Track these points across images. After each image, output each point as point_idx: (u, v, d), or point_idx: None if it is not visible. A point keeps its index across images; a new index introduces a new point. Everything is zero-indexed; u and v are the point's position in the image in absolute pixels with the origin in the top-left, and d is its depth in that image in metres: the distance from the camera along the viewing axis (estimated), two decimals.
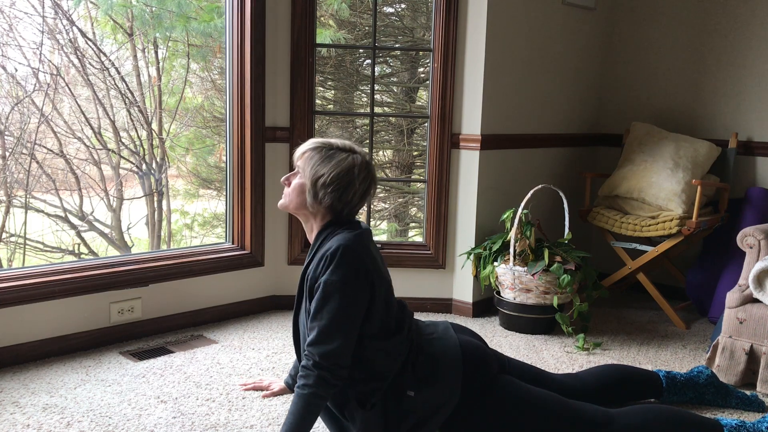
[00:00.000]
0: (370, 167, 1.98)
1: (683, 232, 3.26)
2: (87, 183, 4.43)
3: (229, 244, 3.41)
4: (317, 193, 1.92)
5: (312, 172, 1.93)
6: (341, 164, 1.92)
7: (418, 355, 1.97)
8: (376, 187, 2.04)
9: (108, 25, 4.42)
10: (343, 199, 1.93)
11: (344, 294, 1.84)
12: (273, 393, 2.44)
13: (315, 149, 1.96)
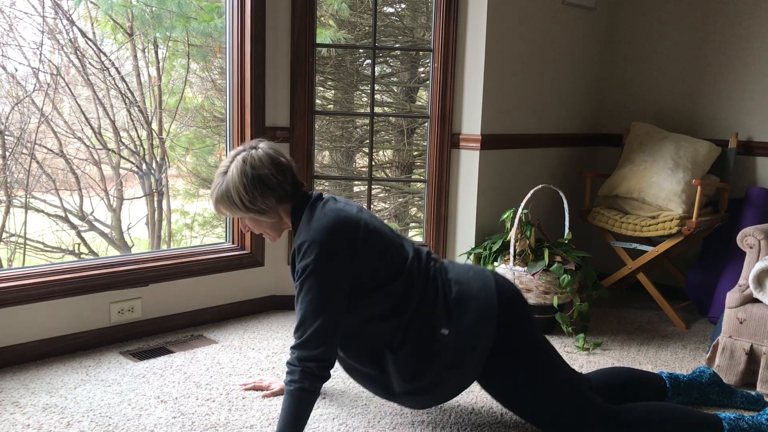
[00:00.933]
0: (247, 156, 1.97)
1: (683, 232, 3.26)
2: (87, 183, 4.43)
3: (229, 244, 3.41)
4: (257, 206, 1.96)
5: (239, 205, 1.96)
6: (235, 179, 1.95)
7: (448, 292, 1.96)
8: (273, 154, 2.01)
9: (108, 25, 4.43)
10: (271, 186, 1.95)
11: (317, 280, 1.85)
12: (273, 393, 2.44)
13: (221, 198, 1.99)
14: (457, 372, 1.95)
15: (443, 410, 2.37)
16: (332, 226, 1.90)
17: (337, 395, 2.47)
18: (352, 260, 1.91)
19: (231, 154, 2.01)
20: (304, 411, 1.88)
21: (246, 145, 2.02)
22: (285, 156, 2.04)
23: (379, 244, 1.97)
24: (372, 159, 3.68)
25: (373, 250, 1.94)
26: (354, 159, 5.33)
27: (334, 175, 5.23)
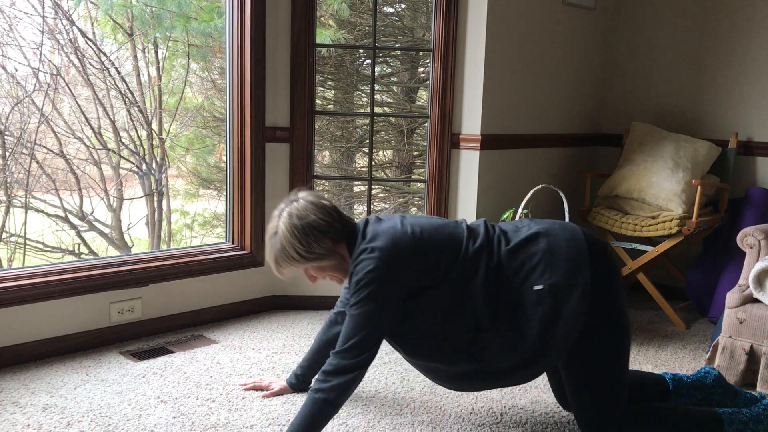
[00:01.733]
0: (291, 210, 2.01)
1: (683, 232, 3.26)
2: (87, 183, 4.43)
3: (229, 244, 3.41)
4: (315, 253, 1.99)
5: (298, 258, 1.99)
6: (287, 234, 1.98)
7: (528, 248, 1.96)
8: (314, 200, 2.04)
9: (108, 25, 4.43)
10: (322, 229, 1.98)
11: (369, 294, 1.89)
12: (273, 393, 2.44)
13: (279, 257, 2.02)
14: (561, 323, 1.90)
15: (443, 410, 2.37)
16: (384, 245, 1.92)
17: None
18: (405, 273, 1.93)
19: (274, 215, 2.05)
20: (321, 423, 1.90)
21: (285, 200, 2.07)
22: (325, 198, 2.08)
23: (431, 249, 1.96)
24: (372, 159, 3.68)
25: (424, 257, 1.95)
26: (354, 159, 5.33)
27: (334, 175, 5.23)
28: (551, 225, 2.04)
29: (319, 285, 3.48)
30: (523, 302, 1.92)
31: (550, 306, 1.89)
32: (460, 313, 1.96)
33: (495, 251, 1.97)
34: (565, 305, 1.89)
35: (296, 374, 2.45)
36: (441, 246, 1.96)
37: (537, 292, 1.90)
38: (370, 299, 1.89)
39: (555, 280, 1.90)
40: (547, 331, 1.90)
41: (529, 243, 1.97)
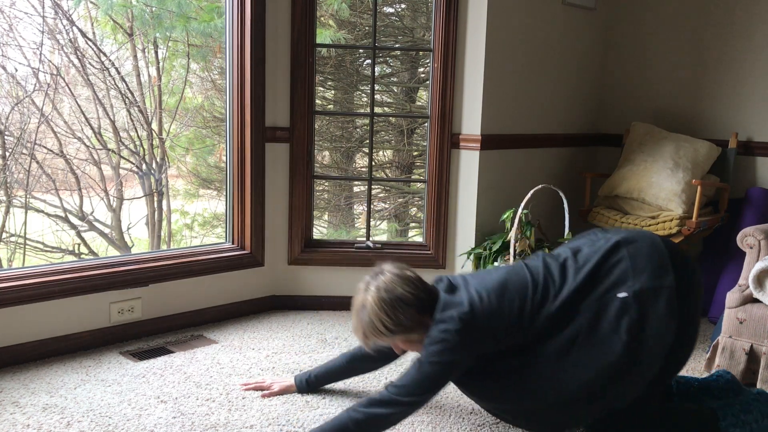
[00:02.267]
0: (378, 284, 2.04)
1: (683, 232, 3.26)
2: (87, 183, 4.43)
3: (229, 244, 3.41)
4: (403, 326, 2.00)
5: (386, 331, 2.00)
6: (375, 308, 2.01)
7: (611, 259, 1.95)
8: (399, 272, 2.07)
9: (108, 25, 4.42)
10: (409, 302, 2.00)
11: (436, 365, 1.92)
12: (272, 393, 2.45)
13: (368, 331, 2.04)
14: (650, 329, 1.87)
15: (443, 410, 2.37)
16: (456, 323, 1.93)
17: (338, 395, 2.47)
18: (476, 347, 1.97)
19: (360, 288, 2.07)
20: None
21: (370, 274, 2.09)
22: (408, 269, 2.11)
23: (500, 316, 1.95)
24: (372, 159, 3.68)
25: (493, 332, 1.95)
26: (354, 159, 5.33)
27: (334, 175, 5.23)
28: (629, 233, 2.03)
29: (319, 285, 3.49)
30: (607, 314, 1.89)
31: (636, 313, 1.86)
32: (534, 355, 1.96)
33: (568, 279, 1.96)
34: (653, 310, 1.87)
35: (308, 380, 2.46)
36: (509, 308, 1.95)
37: (621, 301, 1.88)
38: (439, 364, 1.92)
39: (639, 286, 1.88)
40: (635, 339, 1.86)
41: (609, 255, 1.96)
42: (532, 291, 1.96)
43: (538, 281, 1.98)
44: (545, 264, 2.03)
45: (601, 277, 1.93)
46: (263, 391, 2.46)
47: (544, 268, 2.02)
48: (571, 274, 1.97)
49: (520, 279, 2.00)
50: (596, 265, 1.95)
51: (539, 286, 1.97)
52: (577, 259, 2.01)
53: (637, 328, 1.86)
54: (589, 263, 1.96)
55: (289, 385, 2.48)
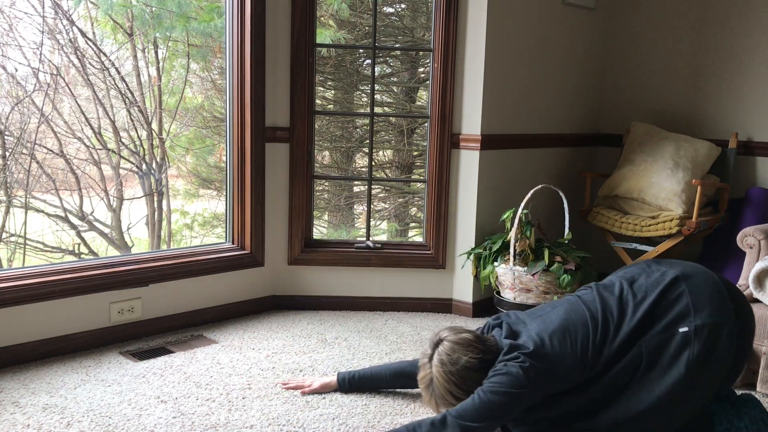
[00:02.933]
0: (441, 357, 2.03)
1: (683, 232, 3.26)
2: (87, 183, 4.43)
3: (229, 244, 3.41)
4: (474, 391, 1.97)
5: (461, 397, 1.99)
6: (443, 383, 2.01)
7: (669, 295, 1.95)
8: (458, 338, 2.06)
9: (108, 25, 4.42)
10: (475, 367, 2.00)
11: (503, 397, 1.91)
12: (312, 390, 2.47)
13: (442, 402, 2.03)
14: (711, 363, 1.88)
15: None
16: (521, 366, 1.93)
17: (337, 395, 2.47)
18: (540, 391, 1.95)
19: (423, 362, 2.07)
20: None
21: (429, 344, 2.09)
22: (464, 330, 2.10)
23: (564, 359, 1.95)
24: (372, 159, 3.68)
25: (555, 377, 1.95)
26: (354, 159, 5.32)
27: (334, 175, 5.23)
28: (684, 266, 2.04)
29: (319, 285, 3.48)
30: (667, 348, 1.89)
31: (698, 347, 1.87)
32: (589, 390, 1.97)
33: (626, 315, 1.96)
34: (715, 345, 1.87)
35: (350, 380, 2.47)
36: (572, 352, 1.95)
37: (683, 335, 1.88)
38: (501, 395, 1.91)
39: (701, 321, 1.89)
40: (697, 373, 1.87)
41: (669, 290, 1.97)
42: (593, 332, 1.96)
43: (597, 319, 1.97)
44: (601, 298, 2.02)
45: (661, 312, 1.93)
46: (302, 389, 2.49)
47: (600, 302, 2.01)
48: (630, 309, 1.96)
49: (579, 318, 1.99)
50: (656, 300, 1.95)
51: (599, 325, 1.96)
52: (635, 291, 2.00)
53: (697, 362, 1.86)
54: (649, 298, 1.96)
55: (329, 381, 2.49)
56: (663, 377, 1.88)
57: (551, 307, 2.10)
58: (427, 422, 1.92)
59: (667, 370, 1.88)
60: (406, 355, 2.88)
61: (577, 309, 2.02)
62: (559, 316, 2.02)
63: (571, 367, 1.93)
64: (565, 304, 2.08)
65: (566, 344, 1.95)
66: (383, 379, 2.46)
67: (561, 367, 1.93)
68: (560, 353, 1.94)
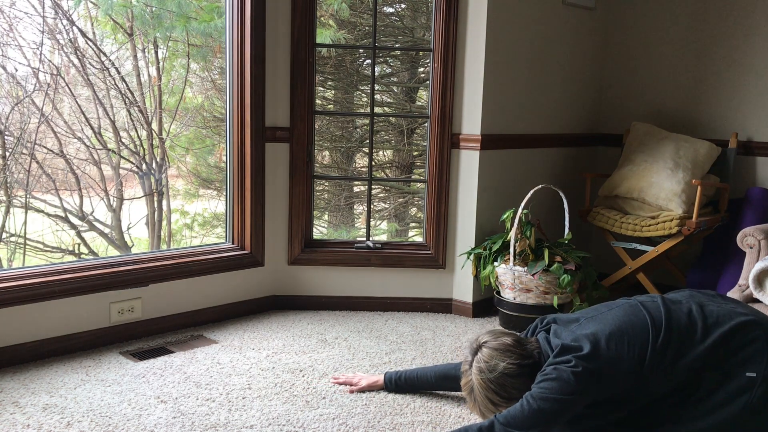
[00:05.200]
0: (479, 365, 2.01)
1: (683, 232, 3.26)
2: (87, 183, 4.43)
3: (229, 244, 3.41)
4: (516, 397, 1.95)
5: (503, 403, 1.98)
6: (482, 391, 1.99)
7: (745, 335, 1.89)
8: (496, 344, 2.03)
9: (108, 25, 4.42)
10: (514, 374, 1.97)
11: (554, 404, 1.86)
12: (360, 388, 2.49)
13: (486, 411, 2.02)
14: (763, 415, 1.85)
15: (443, 410, 2.37)
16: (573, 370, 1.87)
17: (338, 395, 2.47)
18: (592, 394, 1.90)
19: (464, 369, 2.06)
20: None
21: (469, 349, 2.06)
22: (505, 333, 2.07)
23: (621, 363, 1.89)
24: (372, 159, 3.68)
25: (614, 377, 1.89)
26: (354, 159, 5.32)
27: (334, 175, 5.23)
28: (757, 313, 1.98)
29: (319, 285, 3.48)
30: (728, 386, 1.86)
31: (759, 395, 1.83)
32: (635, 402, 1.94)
33: (696, 335, 1.90)
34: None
35: (397, 380, 2.49)
36: (630, 355, 1.88)
37: (749, 379, 1.84)
38: (550, 401, 1.86)
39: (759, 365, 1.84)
40: (748, 418, 1.84)
41: (745, 329, 1.90)
42: (653, 338, 1.89)
43: (660, 328, 1.90)
44: (667, 309, 1.95)
45: (733, 347, 1.88)
46: (351, 386, 2.51)
47: (666, 312, 1.94)
48: (699, 330, 1.90)
49: (640, 322, 1.92)
50: (729, 332, 1.89)
51: (661, 333, 1.89)
52: (705, 314, 1.94)
53: (755, 408, 1.83)
54: (722, 327, 1.90)
55: (376, 380, 2.51)
56: (715, 412, 1.84)
57: (607, 308, 2.03)
58: (474, 428, 1.91)
59: (722, 406, 1.84)
60: (406, 355, 2.88)
61: (638, 313, 1.95)
62: (617, 317, 1.96)
63: (627, 372, 1.87)
64: (624, 307, 2.01)
65: (623, 347, 1.88)
66: (428, 381, 2.47)
67: (615, 372, 1.87)
68: (616, 357, 1.87)
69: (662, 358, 1.87)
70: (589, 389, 1.87)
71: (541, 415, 1.85)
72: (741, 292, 2.69)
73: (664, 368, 1.88)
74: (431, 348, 2.99)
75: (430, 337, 3.13)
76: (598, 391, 1.89)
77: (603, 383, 1.88)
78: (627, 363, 1.87)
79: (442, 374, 2.44)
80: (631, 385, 1.89)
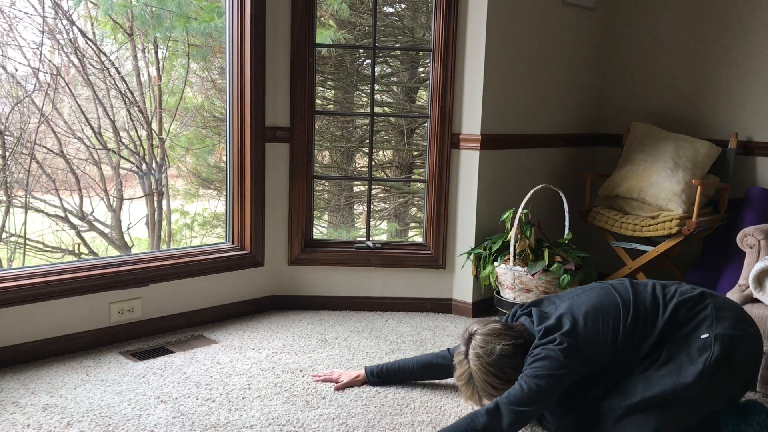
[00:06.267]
0: (477, 350, 2.10)
1: (683, 232, 3.26)
2: (87, 183, 4.43)
3: (229, 244, 3.41)
4: (514, 378, 2.04)
5: (502, 387, 2.06)
6: (482, 375, 2.09)
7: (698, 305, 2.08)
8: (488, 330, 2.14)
9: (108, 25, 4.42)
10: (510, 354, 2.08)
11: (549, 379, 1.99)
12: (342, 384, 2.51)
13: (484, 394, 2.11)
14: (724, 368, 1.98)
15: (443, 410, 2.37)
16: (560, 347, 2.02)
17: (338, 395, 2.47)
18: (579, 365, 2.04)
19: (458, 359, 2.15)
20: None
21: (461, 341, 2.16)
22: (492, 320, 2.18)
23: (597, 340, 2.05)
24: (372, 159, 3.68)
25: (593, 352, 2.04)
26: (354, 159, 5.32)
27: (334, 175, 5.23)
28: (713, 292, 2.18)
29: (319, 285, 3.48)
30: (689, 349, 2.01)
31: (715, 352, 1.97)
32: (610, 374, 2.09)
33: (658, 309, 2.07)
34: (733, 353, 1.98)
35: (378, 373, 2.53)
36: (604, 332, 2.04)
37: (704, 340, 2.00)
38: (545, 378, 1.98)
39: (721, 331, 2.01)
40: (712, 374, 1.96)
41: (694, 300, 2.09)
42: (624, 316, 2.06)
43: (629, 306, 2.08)
44: (634, 290, 2.13)
45: (686, 316, 2.06)
46: (334, 384, 2.53)
47: (633, 293, 2.12)
48: (661, 305, 2.08)
49: (611, 302, 2.10)
50: (681, 302, 2.07)
51: (630, 311, 2.07)
52: (665, 292, 2.12)
53: (714, 365, 1.96)
54: (676, 299, 2.08)
55: (357, 375, 2.54)
56: (679, 372, 1.97)
57: (581, 290, 2.20)
58: (482, 411, 1.98)
59: (685, 367, 1.97)
60: (406, 355, 2.88)
61: (609, 294, 2.12)
62: (591, 298, 2.12)
63: (603, 347, 2.03)
64: (596, 289, 2.17)
65: (599, 324, 2.05)
66: (411, 372, 2.51)
67: (594, 346, 2.03)
68: (593, 332, 2.03)
69: (632, 334, 2.04)
70: (575, 362, 2.01)
71: (539, 391, 1.97)
72: (741, 292, 2.69)
73: (634, 343, 2.05)
74: (431, 348, 2.99)
75: (430, 337, 3.13)
76: (583, 364, 2.04)
77: (585, 356, 2.03)
78: (602, 338, 2.04)
79: (425, 363, 2.49)
80: (607, 359, 2.05)
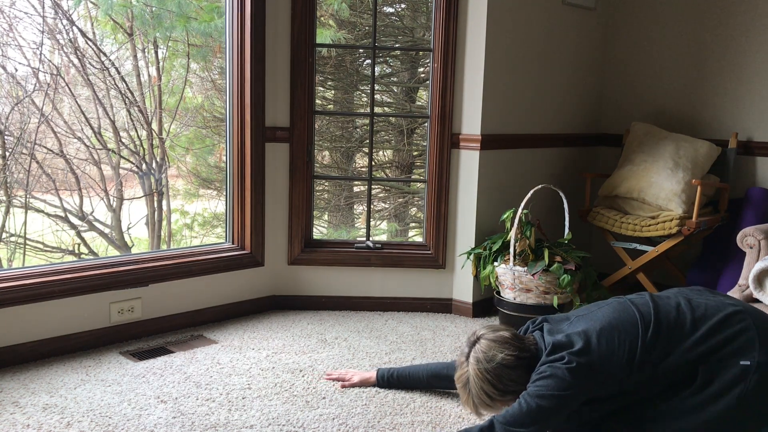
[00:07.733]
0: (477, 355, 2.00)
1: (683, 232, 3.26)
2: (87, 183, 4.43)
3: (229, 244, 3.41)
4: (513, 388, 1.96)
5: (498, 398, 1.98)
6: (479, 382, 1.97)
7: (733, 324, 1.89)
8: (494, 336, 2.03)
9: (108, 25, 4.42)
10: (512, 365, 1.97)
11: (551, 400, 1.87)
12: (352, 383, 2.52)
13: (480, 403, 2.00)
14: (760, 403, 1.85)
15: (443, 410, 2.37)
16: (568, 367, 1.89)
17: (337, 395, 2.47)
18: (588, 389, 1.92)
19: (460, 361, 2.04)
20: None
21: (466, 343, 2.06)
22: (502, 328, 2.07)
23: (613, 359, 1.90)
24: (372, 159, 3.68)
25: (607, 373, 1.90)
26: (354, 159, 5.32)
27: (334, 175, 5.23)
28: (744, 303, 1.99)
29: (319, 285, 3.48)
30: (722, 377, 1.86)
31: (754, 383, 1.83)
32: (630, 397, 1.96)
33: (684, 326, 1.91)
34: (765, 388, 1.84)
35: (389, 377, 2.52)
36: (620, 352, 1.89)
37: (743, 368, 1.84)
38: (548, 398, 1.87)
39: (765, 358, 1.84)
40: (745, 407, 1.84)
41: (733, 319, 1.90)
42: (643, 333, 1.90)
43: (649, 322, 1.91)
44: (655, 304, 1.96)
45: (725, 339, 1.88)
46: (342, 382, 2.54)
47: (654, 307, 1.95)
48: (689, 322, 1.90)
49: (629, 318, 1.93)
50: (718, 323, 1.89)
51: (650, 328, 1.90)
52: (693, 306, 1.94)
53: (748, 398, 1.83)
54: (711, 319, 1.90)
55: (369, 376, 2.55)
56: (711, 404, 1.85)
57: (597, 306, 2.05)
58: (475, 429, 1.92)
59: (717, 398, 1.85)
60: (406, 355, 2.88)
61: (627, 309, 1.96)
62: (607, 314, 1.97)
63: (618, 368, 1.88)
64: (613, 304, 2.02)
65: (614, 343, 1.89)
66: (420, 380, 2.50)
67: (607, 366, 1.88)
68: (607, 352, 1.88)
69: (652, 352, 1.88)
70: (583, 384, 1.88)
71: (539, 412, 1.86)
72: (741, 292, 2.69)
73: (654, 362, 1.88)
74: (431, 348, 2.99)
75: (430, 337, 3.13)
76: (593, 386, 1.91)
77: (596, 378, 1.89)
78: (618, 357, 1.88)
79: (434, 373, 2.46)
80: (623, 379, 1.90)
